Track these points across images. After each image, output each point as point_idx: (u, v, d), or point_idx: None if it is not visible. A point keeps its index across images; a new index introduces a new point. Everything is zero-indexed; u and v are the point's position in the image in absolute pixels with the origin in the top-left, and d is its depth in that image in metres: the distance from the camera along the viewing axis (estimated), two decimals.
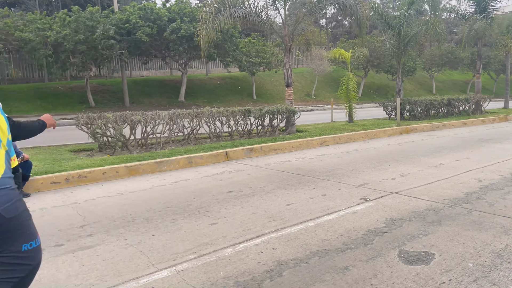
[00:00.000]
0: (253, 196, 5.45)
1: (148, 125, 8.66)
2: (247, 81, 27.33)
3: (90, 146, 9.13)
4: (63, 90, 21.43)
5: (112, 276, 3.26)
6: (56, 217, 4.78)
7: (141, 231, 4.24)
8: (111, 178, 6.68)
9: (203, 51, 10.70)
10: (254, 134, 10.71)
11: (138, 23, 18.40)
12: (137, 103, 21.41)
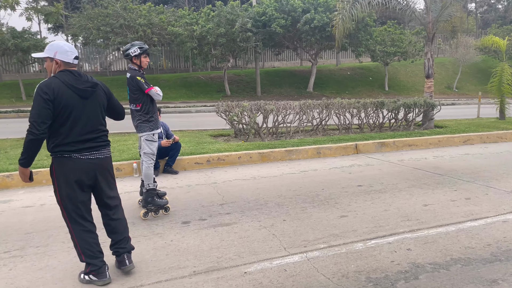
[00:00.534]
0: (384, 192, 5.24)
1: (280, 115, 8.95)
2: (379, 71, 26.08)
3: (227, 132, 9.84)
4: (204, 80, 23.46)
5: (248, 253, 3.50)
6: (199, 194, 5.31)
7: (273, 215, 4.45)
8: (245, 162, 7.12)
9: (337, 41, 10.55)
10: (386, 128, 10.22)
11: (273, 15, 19.02)
12: (268, 93, 22.27)
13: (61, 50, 2.98)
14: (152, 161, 4.55)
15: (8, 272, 3.23)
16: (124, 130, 10.54)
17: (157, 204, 4.45)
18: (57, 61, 2.97)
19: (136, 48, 4.38)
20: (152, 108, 4.53)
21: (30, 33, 18.98)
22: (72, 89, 2.94)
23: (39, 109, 2.80)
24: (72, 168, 2.94)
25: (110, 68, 26.83)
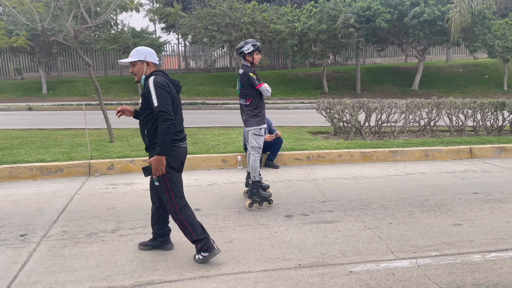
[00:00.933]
0: (505, 202, 4.74)
1: (383, 113, 8.60)
2: (497, 69, 23.49)
3: (326, 129, 9.76)
4: (302, 77, 23.52)
5: (353, 253, 3.45)
6: (300, 190, 5.37)
7: (377, 217, 4.31)
8: (346, 161, 6.99)
9: (452, 36, 9.78)
10: (506, 132, 9.20)
11: (378, 10, 18.27)
12: (368, 91, 21.51)
13: (149, 53, 3.31)
14: (259, 154, 4.72)
15: (135, 246, 3.63)
16: (228, 124, 11.08)
17: (262, 196, 4.61)
18: (149, 62, 3.28)
19: (249, 46, 4.57)
20: (261, 104, 4.69)
21: (147, 33, 20.91)
22: (173, 85, 3.30)
23: (166, 99, 3.12)
24: (177, 155, 3.29)
25: (214, 65, 28.28)
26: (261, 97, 4.70)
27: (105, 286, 2.96)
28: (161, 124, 3.07)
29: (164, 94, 3.12)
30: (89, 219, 4.33)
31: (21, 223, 4.21)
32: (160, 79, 3.19)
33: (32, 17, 7.16)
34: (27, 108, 16.60)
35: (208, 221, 4.24)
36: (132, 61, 3.29)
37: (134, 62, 3.30)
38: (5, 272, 3.17)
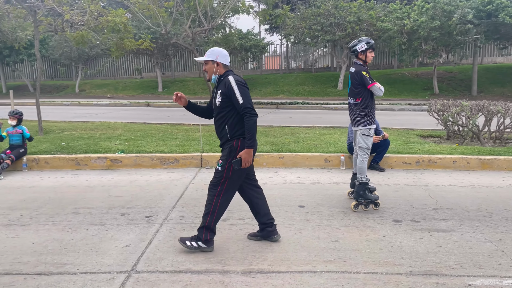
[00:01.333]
0: None
1: (507, 117, 7.74)
2: None
3: (437, 133, 9.12)
4: (409, 77, 22.22)
5: (471, 266, 3.20)
6: (409, 195, 5.12)
7: (500, 230, 3.93)
8: (461, 168, 6.46)
9: None
10: None
11: (502, 3, 16.43)
12: (486, 92, 19.48)
13: (221, 54, 3.48)
14: (367, 155, 4.62)
15: (244, 236, 3.84)
16: (329, 124, 11.00)
17: (368, 198, 4.50)
18: (219, 63, 3.45)
19: (363, 44, 4.49)
20: (371, 103, 4.58)
21: (252, 34, 21.68)
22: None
23: (249, 96, 3.35)
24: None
25: (315, 65, 28.20)
26: (372, 96, 4.59)
27: (219, 269, 3.18)
28: (249, 119, 3.28)
29: (246, 92, 3.34)
30: (203, 207, 4.65)
31: (146, 206, 4.71)
32: (237, 77, 3.39)
33: (157, 22, 7.91)
34: (145, 104, 18.41)
35: (313, 218, 4.28)
36: (205, 60, 3.49)
37: (207, 61, 3.49)
38: (135, 247, 3.60)
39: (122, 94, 23.27)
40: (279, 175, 6.15)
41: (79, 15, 8.72)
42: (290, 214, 4.42)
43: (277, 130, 9.77)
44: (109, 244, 3.67)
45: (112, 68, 28.51)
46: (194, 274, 3.10)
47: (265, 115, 13.92)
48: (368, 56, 4.53)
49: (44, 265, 3.27)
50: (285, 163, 6.72)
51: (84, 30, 8.84)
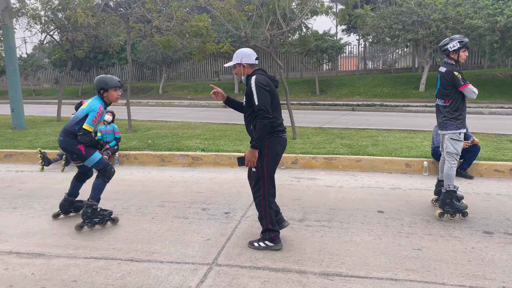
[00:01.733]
0: None
1: None
2: None
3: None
4: (502, 78, 20.38)
5: None
6: (502, 205, 4.71)
7: None
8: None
9: None
10: None
11: None
12: None
13: (245, 55, 3.56)
14: (456, 161, 4.34)
15: (320, 238, 3.82)
16: (409, 127, 10.49)
17: (456, 207, 4.23)
18: (244, 64, 3.55)
19: (455, 42, 4.24)
20: (462, 106, 4.29)
21: (329, 35, 21.40)
22: (272, 80, 3.53)
23: (266, 98, 3.37)
24: (281, 144, 3.54)
25: (395, 66, 27.04)
26: (463, 99, 4.30)
27: (296, 268, 3.21)
28: (260, 121, 3.33)
29: (264, 94, 3.36)
30: (279, 206, 4.73)
31: (225, 202, 4.90)
32: (261, 78, 3.43)
33: (237, 25, 8.17)
34: (223, 106, 19.05)
35: (393, 224, 4.13)
36: (233, 67, 3.60)
37: (235, 65, 3.60)
38: (215, 241, 3.76)
39: (201, 96, 24.32)
40: (356, 179, 6.02)
41: (166, 21, 9.30)
42: (369, 218, 4.30)
43: (354, 132, 9.55)
44: (191, 236, 3.88)
45: (192, 71, 29.95)
46: (272, 272, 3.16)
47: (340, 117, 13.67)
48: (461, 55, 4.26)
49: (135, 252, 3.55)
50: (362, 166, 6.55)
51: (170, 35, 9.40)
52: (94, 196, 4.09)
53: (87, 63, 26.53)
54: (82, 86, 29.10)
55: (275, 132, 3.49)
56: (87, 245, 3.70)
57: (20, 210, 4.74)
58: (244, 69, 3.58)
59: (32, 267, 3.28)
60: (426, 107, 15.95)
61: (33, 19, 11.60)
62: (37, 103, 23.49)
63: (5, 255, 3.50)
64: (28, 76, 32.16)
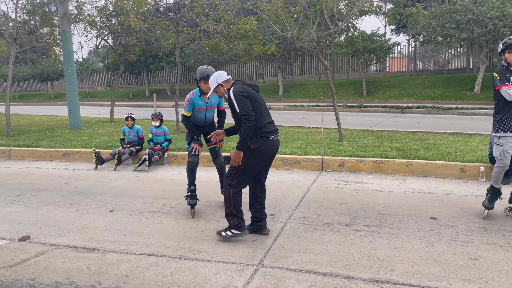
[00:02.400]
0: None
1: None
2: None
3: None
4: None
5: None
6: None
7: None
8: None
9: None
10: None
11: None
12: None
13: (218, 76, 3.87)
14: (499, 166, 4.13)
15: (369, 243, 3.71)
16: (463, 131, 9.98)
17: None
18: (221, 84, 3.87)
19: (500, 45, 4.08)
20: (504, 109, 4.07)
21: (377, 35, 20.87)
22: (251, 87, 3.78)
23: (245, 104, 3.59)
24: (268, 146, 3.72)
25: (447, 66, 25.87)
26: (506, 101, 4.06)
27: (344, 274, 3.13)
28: (244, 125, 3.55)
29: (243, 100, 3.59)
30: (325, 210, 4.67)
31: (270, 204, 4.89)
32: (238, 87, 3.67)
33: (284, 27, 8.15)
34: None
35: (447, 232, 3.93)
36: (213, 92, 3.94)
37: (215, 90, 3.91)
38: (261, 243, 3.76)
39: None
40: (407, 183, 5.80)
41: (213, 24, 9.47)
42: (421, 225, 4.13)
43: (403, 135, 9.22)
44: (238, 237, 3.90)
45: (237, 73, 30.29)
46: (319, 276, 3.11)
47: (389, 120, 13.26)
48: (507, 57, 4.06)
49: (183, 250, 3.62)
50: (413, 170, 6.31)
51: (217, 38, 9.57)
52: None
53: (137, 66, 27.59)
54: (133, 89, 30.31)
55: (261, 134, 3.69)
56: (138, 241, 3.83)
57: (76, 206, 5.00)
58: (223, 87, 3.88)
59: (87, 261, 3.44)
60: (482, 109, 15.11)
61: (89, 25, 12.24)
62: (91, 105, 24.75)
63: (63, 249, 3.70)
64: (84, 79, 33.98)
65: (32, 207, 4.97)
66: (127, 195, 5.43)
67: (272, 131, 3.78)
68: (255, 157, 3.71)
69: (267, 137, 3.72)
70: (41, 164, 7.75)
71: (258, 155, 3.71)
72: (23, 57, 35.09)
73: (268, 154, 3.77)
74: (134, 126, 7.69)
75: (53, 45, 12.65)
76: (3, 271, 3.26)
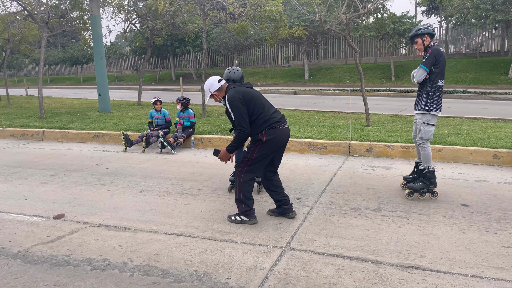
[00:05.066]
0: None
1: None
2: None
3: None
4: None
5: None
6: None
7: None
8: None
9: None
10: None
11: None
12: None
13: (210, 85, 3.87)
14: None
15: (398, 229, 3.67)
16: (496, 116, 9.63)
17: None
18: (214, 93, 3.90)
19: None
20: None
21: (407, 17, 20.21)
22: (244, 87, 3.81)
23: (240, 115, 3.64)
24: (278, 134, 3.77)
25: (481, 49, 24.85)
26: None
27: (372, 258, 3.11)
28: (238, 134, 3.69)
29: (238, 111, 3.64)
30: (352, 195, 4.63)
31: (296, 188, 4.89)
32: (231, 94, 3.69)
33: (312, 9, 8.00)
34: (292, 92, 18.96)
35: (479, 219, 3.84)
36: (210, 98, 4.00)
37: (212, 95, 3.94)
38: (287, 226, 3.78)
39: (271, 82, 24.40)
40: (437, 169, 5.66)
41: (240, 7, 9.39)
42: (451, 212, 4.04)
43: None
44: (264, 219, 3.93)
45: (262, 57, 30.09)
46: (346, 260, 3.10)
47: None
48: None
49: (211, 231, 3.68)
50: (443, 156, 6.16)
51: (244, 21, 9.49)
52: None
53: (164, 50, 27.80)
54: (159, 73, 30.62)
55: (271, 125, 3.75)
56: (167, 222, 3.92)
57: (107, 186, 5.14)
58: (217, 96, 3.92)
59: (119, 239, 3.55)
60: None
61: (118, 9, 12.36)
62: (119, 89, 25.21)
63: (96, 227, 3.83)
64: (112, 63, 34.57)
65: (66, 187, 5.15)
66: (156, 177, 5.54)
67: (280, 119, 3.85)
68: (267, 148, 3.77)
69: (277, 126, 3.77)
70: (73, 145, 7.99)
71: (270, 146, 3.77)
72: (53, 41, 35.94)
73: (279, 143, 3.82)
74: (161, 110, 7.79)
75: (82, 29, 12.88)
76: (39, 247, 3.41)
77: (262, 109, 3.77)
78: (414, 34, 4.40)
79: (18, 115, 11.46)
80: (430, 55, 4.24)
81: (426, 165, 4.44)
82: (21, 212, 4.27)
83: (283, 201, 3.97)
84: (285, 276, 2.88)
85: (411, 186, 4.43)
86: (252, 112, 3.73)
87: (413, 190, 4.42)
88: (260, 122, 3.74)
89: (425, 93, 4.35)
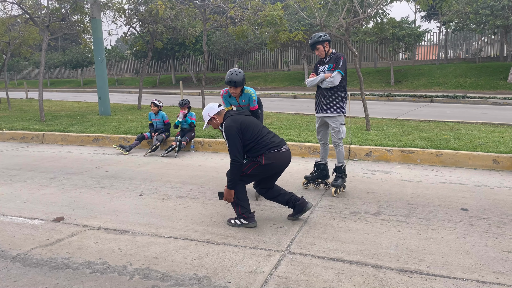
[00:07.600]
0: None
1: None
2: None
3: None
4: None
5: None
6: None
7: None
8: None
9: None
10: None
11: None
12: None
13: (209, 109, 3.89)
14: None
15: (397, 233, 3.67)
16: (496, 121, 9.65)
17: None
18: (213, 117, 3.88)
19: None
20: None
21: (407, 22, 20.28)
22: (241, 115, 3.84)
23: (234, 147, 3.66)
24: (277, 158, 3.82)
25: (480, 54, 24.92)
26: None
27: (372, 263, 3.11)
28: (232, 167, 3.67)
29: (233, 142, 3.67)
30: (352, 199, 4.63)
31: (295, 192, 4.88)
32: (229, 122, 3.73)
33: (312, 13, 8.01)
34: (292, 96, 18.99)
35: (479, 224, 3.84)
36: (207, 125, 3.96)
37: (209, 123, 3.94)
38: (287, 229, 3.77)
39: (271, 86, 24.43)
40: (436, 173, 5.67)
41: (240, 11, 9.43)
42: (451, 216, 4.04)
43: (433, 125, 8.99)
44: (264, 223, 3.93)
45: (262, 61, 30.16)
46: (346, 264, 3.10)
47: (418, 109, 12.95)
48: None
49: (210, 234, 3.68)
50: (443, 160, 6.16)
51: (244, 25, 9.53)
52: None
53: (164, 54, 27.84)
54: (159, 77, 30.67)
55: (270, 149, 3.78)
56: (167, 225, 3.92)
57: (107, 189, 5.14)
58: (215, 120, 3.91)
59: (118, 242, 3.54)
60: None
61: (118, 12, 12.40)
62: (119, 92, 25.22)
63: (95, 230, 3.82)
64: (112, 67, 34.61)
65: (65, 190, 5.14)
66: (156, 180, 5.53)
67: (280, 143, 3.87)
68: (263, 170, 3.82)
69: (277, 150, 3.80)
70: (73, 148, 7.99)
71: (267, 170, 3.82)
72: (54, 44, 35.99)
73: (277, 168, 3.85)
74: (159, 113, 7.79)
75: (83, 33, 12.91)
76: (39, 250, 3.40)
77: (260, 136, 3.82)
78: (315, 41, 4.70)
79: (18, 118, 11.46)
80: (343, 61, 4.64)
81: (342, 161, 4.90)
82: (20, 214, 4.27)
83: (292, 199, 3.96)
84: (285, 280, 2.88)
85: (334, 184, 4.78)
86: (251, 139, 3.77)
87: (337, 187, 4.77)
88: (259, 147, 3.78)
89: (339, 96, 4.70)
